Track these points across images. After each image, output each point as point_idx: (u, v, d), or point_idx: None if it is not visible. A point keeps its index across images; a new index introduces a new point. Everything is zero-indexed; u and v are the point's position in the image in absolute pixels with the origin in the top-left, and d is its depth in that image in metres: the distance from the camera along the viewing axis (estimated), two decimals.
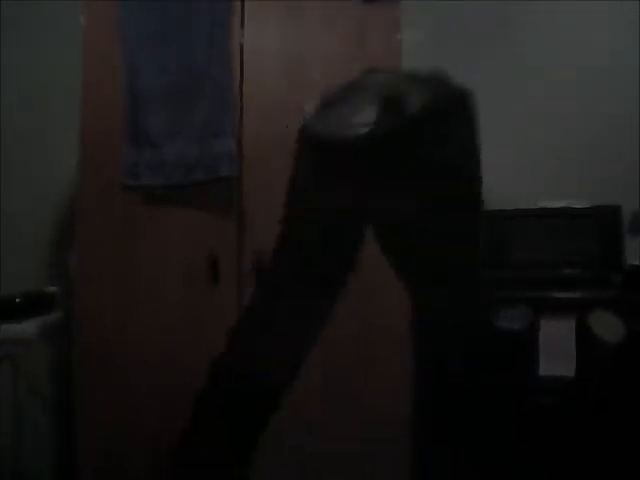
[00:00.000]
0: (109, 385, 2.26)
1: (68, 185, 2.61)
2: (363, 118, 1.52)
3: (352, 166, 1.54)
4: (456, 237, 1.54)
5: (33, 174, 2.81)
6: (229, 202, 2.29)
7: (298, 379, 1.64)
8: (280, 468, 2.13)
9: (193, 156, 2.23)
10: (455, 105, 1.52)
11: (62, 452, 2.48)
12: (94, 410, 2.24)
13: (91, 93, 2.31)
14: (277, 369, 1.64)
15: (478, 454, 1.60)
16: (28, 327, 2.21)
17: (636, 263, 2.41)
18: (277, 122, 2.28)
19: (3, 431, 2.32)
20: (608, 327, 2.19)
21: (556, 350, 2.25)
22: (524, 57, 2.93)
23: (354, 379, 2.25)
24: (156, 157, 2.25)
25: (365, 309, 2.17)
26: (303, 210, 1.68)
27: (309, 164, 1.62)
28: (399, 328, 1.67)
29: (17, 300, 2.26)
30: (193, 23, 2.27)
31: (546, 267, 2.48)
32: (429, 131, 1.49)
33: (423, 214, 1.52)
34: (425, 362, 1.61)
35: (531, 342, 2.28)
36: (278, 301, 1.66)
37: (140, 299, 2.28)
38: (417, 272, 1.59)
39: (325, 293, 1.65)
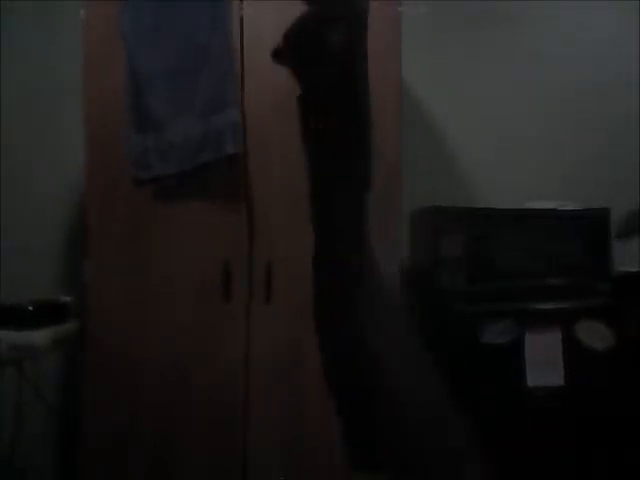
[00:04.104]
0: (118, 395, 2.32)
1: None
2: None
3: None
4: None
5: (46, 179, 2.84)
6: (237, 194, 2.34)
7: None
8: None
9: (199, 133, 2.27)
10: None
11: (64, 460, 2.56)
12: (102, 418, 2.30)
13: (93, 92, 2.35)
14: None
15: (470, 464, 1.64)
16: (38, 335, 2.23)
17: (624, 269, 2.42)
18: (277, 94, 2.32)
19: (4, 436, 2.39)
20: (596, 335, 2.20)
21: (543, 360, 2.23)
22: (521, 57, 3.00)
23: None
24: (163, 141, 2.28)
25: None
26: None
27: None
28: None
29: (29, 308, 2.27)
30: (194, 1, 2.30)
31: (531, 276, 2.42)
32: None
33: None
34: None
35: (518, 354, 2.25)
36: None
37: (151, 307, 2.33)
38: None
39: None
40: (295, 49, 1.71)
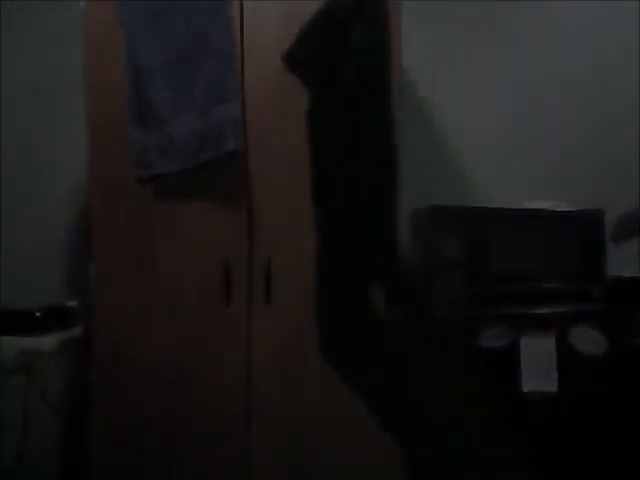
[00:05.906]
0: (122, 396, 2.34)
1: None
2: None
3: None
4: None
5: (47, 180, 2.83)
6: (237, 193, 2.34)
7: None
8: None
9: (199, 129, 2.26)
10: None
11: (70, 462, 2.59)
12: (106, 420, 2.32)
13: (94, 91, 2.34)
14: None
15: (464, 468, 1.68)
16: (46, 341, 2.24)
17: (618, 274, 2.40)
18: (278, 92, 2.32)
19: (10, 439, 2.41)
20: (589, 341, 2.22)
21: (538, 366, 2.23)
22: (521, 57, 3.01)
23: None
24: (164, 138, 2.27)
25: None
26: None
27: None
28: None
29: (37, 314, 2.27)
30: None
31: (527, 279, 2.39)
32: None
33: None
34: None
35: (513, 359, 2.24)
36: None
37: (153, 308, 2.34)
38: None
39: None
40: (310, 49, 1.59)
